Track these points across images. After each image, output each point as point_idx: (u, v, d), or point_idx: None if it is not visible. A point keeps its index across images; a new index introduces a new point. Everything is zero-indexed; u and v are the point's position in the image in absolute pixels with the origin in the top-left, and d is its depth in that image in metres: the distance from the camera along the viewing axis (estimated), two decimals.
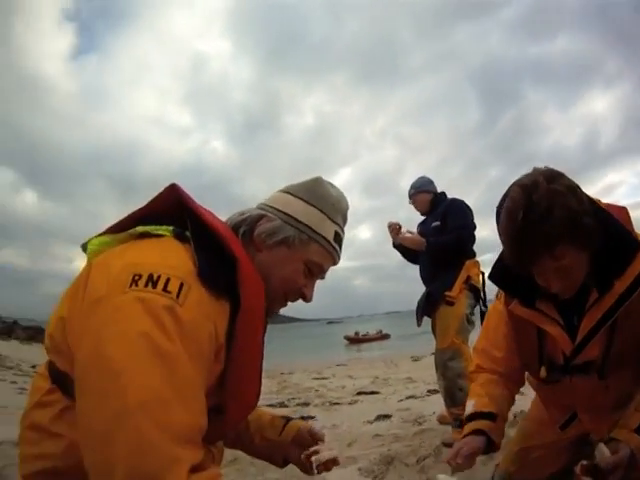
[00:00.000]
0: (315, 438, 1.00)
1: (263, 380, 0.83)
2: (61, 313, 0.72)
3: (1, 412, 3.43)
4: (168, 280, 0.64)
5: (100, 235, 0.81)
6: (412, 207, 2.90)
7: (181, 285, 0.65)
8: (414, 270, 2.78)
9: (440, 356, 2.52)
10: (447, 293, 2.47)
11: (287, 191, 0.87)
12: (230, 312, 0.72)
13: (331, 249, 0.86)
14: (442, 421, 2.74)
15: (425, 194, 2.81)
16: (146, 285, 0.63)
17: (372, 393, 5.18)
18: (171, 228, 0.77)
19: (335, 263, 0.89)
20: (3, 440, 2.17)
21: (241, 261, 0.73)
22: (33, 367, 7.79)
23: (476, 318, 2.58)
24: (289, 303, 0.88)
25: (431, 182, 2.86)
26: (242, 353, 0.74)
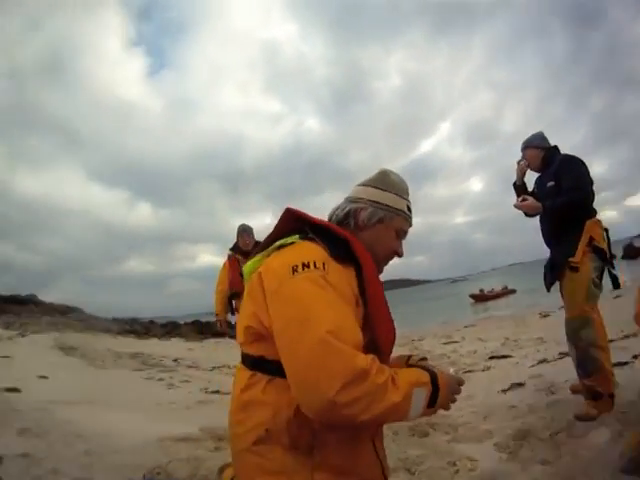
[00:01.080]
0: None
1: (395, 348, 1.12)
2: (250, 310, 1.00)
3: (157, 409, 3.64)
4: (315, 262, 0.94)
5: (250, 258, 1.15)
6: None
7: (323, 263, 0.95)
8: (533, 219, 2.73)
9: (570, 325, 2.45)
10: (570, 259, 2.41)
11: (366, 184, 1.19)
12: (356, 275, 1.00)
13: (408, 217, 1.20)
14: (575, 390, 2.70)
15: (535, 150, 2.75)
16: (303, 269, 0.93)
17: (504, 357, 5.16)
18: (297, 236, 1.06)
19: (411, 225, 1.22)
20: (164, 437, 2.45)
21: (352, 241, 1.03)
22: (175, 360, 8.26)
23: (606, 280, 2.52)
24: (396, 261, 1.24)
25: (542, 137, 2.78)
26: (373, 299, 1.01)
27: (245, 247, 3.85)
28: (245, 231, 3.92)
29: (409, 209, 1.21)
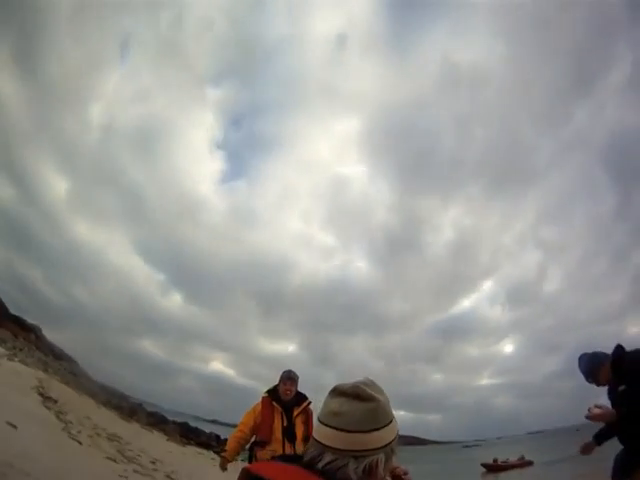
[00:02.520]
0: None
1: None
2: None
3: None
4: None
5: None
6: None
7: None
8: (561, 384, 2.82)
9: None
10: None
11: (367, 429, 0.94)
12: None
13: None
14: None
15: (603, 368, 2.65)
16: None
17: None
18: None
19: None
20: None
21: None
22: (153, 462, 7.54)
23: None
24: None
25: (594, 356, 2.71)
26: None
27: (285, 395, 3.44)
28: (290, 379, 3.50)
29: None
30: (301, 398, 3.51)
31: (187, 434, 19.37)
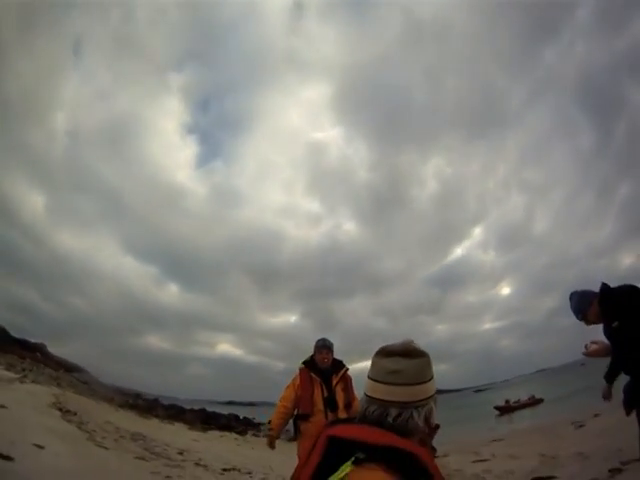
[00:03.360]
0: None
1: None
2: None
3: None
4: None
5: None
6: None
7: None
8: (562, 320, 2.91)
9: None
10: None
11: (417, 381, 1.02)
12: None
13: None
14: None
15: (592, 307, 2.74)
16: None
17: (548, 478, 4.55)
18: (349, 463, 0.87)
19: None
20: None
21: (423, 457, 0.89)
22: (181, 453, 7.65)
23: None
24: None
25: (583, 295, 2.80)
26: None
27: (322, 364, 3.38)
28: (326, 347, 3.44)
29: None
30: (338, 365, 3.45)
31: (207, 420, 19.55)
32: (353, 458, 0.86)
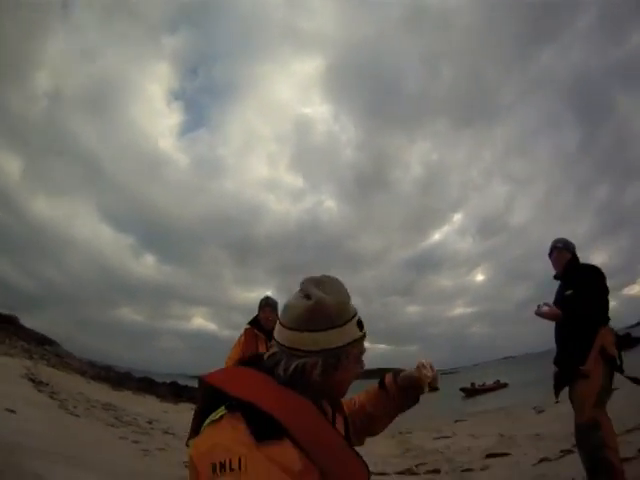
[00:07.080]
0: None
1: (383, 440, 1.22)
2: None
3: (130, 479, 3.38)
4: (231, 462, 0.76)
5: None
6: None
7: (239, 460, 0.75)
8: (531, 311, 2.77)
9: (579, 431, 2.50)
10: (582, 367, 2.50)
11: (303, 328, 0.91)
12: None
13: (362, 337, 0.98)
14: None
15: (566, 253, 2.86)
16: (221, 471, 0.76)
17: (502, 455, 4.87)
18: (223, 408, 0.84)
19: (366, 336, 1.01)
20: None
21: (281, 416, 0.83)
22: (150, 422, 7.76)
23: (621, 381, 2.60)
24: None
25: (573, 244, 2.93)
26: (322, 459, 0.82)
27: (266, 323, 3.33)
28: (269, 305, 3.41)
29: (360, 322, 0.94)
30: None
31: (178, 393, 19.49)
32: (226, 404, 0.82)
